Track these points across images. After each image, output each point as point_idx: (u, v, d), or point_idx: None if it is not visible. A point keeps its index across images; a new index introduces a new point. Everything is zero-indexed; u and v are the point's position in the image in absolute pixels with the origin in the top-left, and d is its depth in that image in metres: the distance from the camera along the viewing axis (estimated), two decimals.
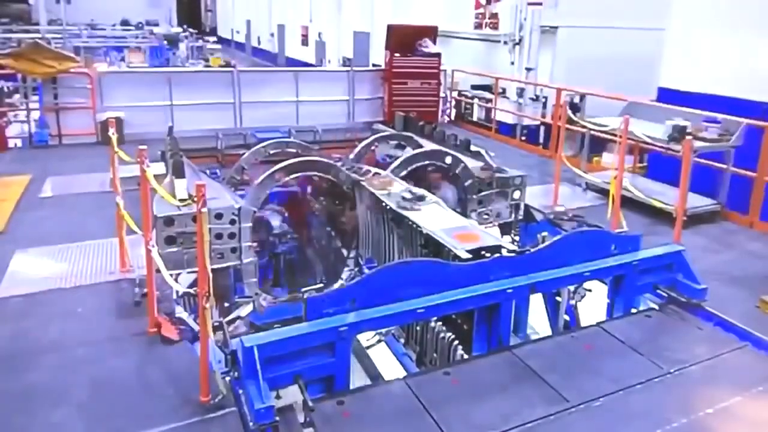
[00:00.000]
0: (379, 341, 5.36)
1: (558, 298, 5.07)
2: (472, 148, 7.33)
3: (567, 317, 5.18)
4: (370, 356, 5.39)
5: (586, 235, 4.82)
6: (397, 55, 12.47)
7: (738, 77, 7.96)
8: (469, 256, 4.38)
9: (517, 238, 6.90)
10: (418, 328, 4.78)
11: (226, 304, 5.66)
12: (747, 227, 7.18)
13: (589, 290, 4.98)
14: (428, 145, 7.47)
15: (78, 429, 3.47)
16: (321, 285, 6.39)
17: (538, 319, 5.21)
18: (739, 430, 3.49)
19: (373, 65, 19.47)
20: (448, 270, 4.07)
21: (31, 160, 9.23)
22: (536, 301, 4.92)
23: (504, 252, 4.42)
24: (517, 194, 6.77)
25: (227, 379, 3.72)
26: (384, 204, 5.67)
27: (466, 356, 4.21)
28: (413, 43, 12.66)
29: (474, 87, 14.92)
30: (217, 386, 3.68)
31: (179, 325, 4.55)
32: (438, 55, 12.65)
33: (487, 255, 4.34)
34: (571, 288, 4.94)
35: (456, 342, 4.32)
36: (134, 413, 3.58)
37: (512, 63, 14.22)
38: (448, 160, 6.58)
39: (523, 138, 12.69)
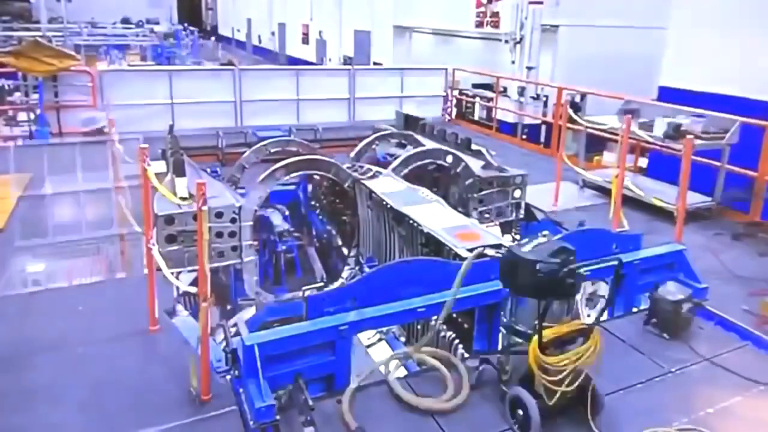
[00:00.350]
0: (380, 340, 5.35)
1: None
2: (473, 146, 7.32)
3: None
4: (371, 355, 5.38)
5: (587, 234, 4.81)
6: None
7: (739, 76, 7.94)
8: (470, 255, 4.36)
9: (518, 237, 6.89)
10: (418, 326, 4.78)
11: (228, 307, 5.65)
12: (747, 226, 7.16)
13: (602, 296, 4.93)
14: (429, 144, 7.46)
15: (79, 428, 3.46)
16: (322, 284, 6.39)
17: None
18: (739, 430, 3.49)
19: (374, 63, 19.47)
20: (448, 269, 4.06)
21: (32, 158, 9.21)
22: None
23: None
24: (517, 193, 6.77)
25: (228, 377, 3.72)
26: (384, 202, 5.66)
27: (467, 355, 4.21)
28: None
29: (475, 86, 14.92)
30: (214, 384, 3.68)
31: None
32: None
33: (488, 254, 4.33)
34: None
35: (457, 341, 4.32)
36: (135, 411, 3.57)
37: (513, 62, 14.19)
38: (449, 158, 6.58)
39: (524, 137, 12.69)
